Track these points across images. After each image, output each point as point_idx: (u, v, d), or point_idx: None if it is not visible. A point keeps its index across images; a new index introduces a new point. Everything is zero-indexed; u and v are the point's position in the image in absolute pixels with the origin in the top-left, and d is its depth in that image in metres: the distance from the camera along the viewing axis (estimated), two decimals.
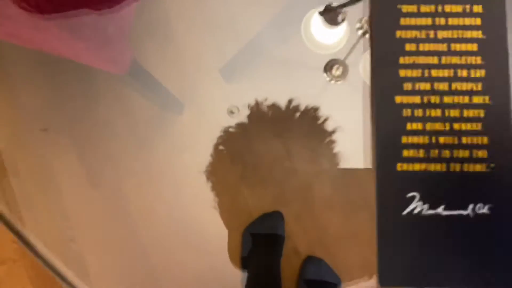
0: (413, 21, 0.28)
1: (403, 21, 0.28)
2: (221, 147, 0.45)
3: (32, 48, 0.51)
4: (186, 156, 0.45)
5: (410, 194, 0.26)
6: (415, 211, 0.26)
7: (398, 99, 0.27)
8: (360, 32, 0.32)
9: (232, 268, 0.43)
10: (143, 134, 0.46)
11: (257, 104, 0.42)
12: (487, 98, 0.27)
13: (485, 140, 0.27)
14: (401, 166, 0.27)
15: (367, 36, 0.40)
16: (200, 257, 0.44)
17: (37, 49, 0.51)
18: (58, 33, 0.48)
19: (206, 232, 0.44)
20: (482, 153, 0.26)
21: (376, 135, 0.27)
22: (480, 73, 0.27)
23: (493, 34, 0.27)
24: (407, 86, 0.27)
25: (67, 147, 0.46)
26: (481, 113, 0.27)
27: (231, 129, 0.45)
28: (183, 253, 0.44)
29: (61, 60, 0.51)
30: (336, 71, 0.31)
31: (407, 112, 0.27)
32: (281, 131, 0.42)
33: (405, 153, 0.27)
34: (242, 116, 0.45)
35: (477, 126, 0.27)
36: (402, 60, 0.27)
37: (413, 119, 0.27)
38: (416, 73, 0.27)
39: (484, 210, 0.26)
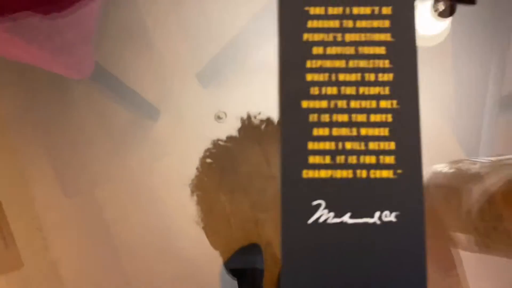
0: (320, 23, 0.27)
1: (311, 24, 0.27)
2: (198, 154, 0.45)
3: None
4: (162, 162, 0.45)
5: (315, 202, 0.26)
6: (321, 220, 0.25)
7: (305, 103, 0.26)
8: None
9: (209, 274, 0.43)
10: (118, 141, 0.46)
11: (235, 110, 0.42)
12: (394, 102, 0.26)
13: (392, 145, 0.26)
14: (306, 173, 0.26)
15: None
16: (176, 264, 0.44)
17: None
18: (10, 37, 0.47)
19: (182, 239, 0.44)
20: (389, 159, 0.26)
21: (281, 141, 0.26)
22: (388, 77, 0.26)
23: (401, 37, 0.27)
24: (314, 90, 0.26)
25: (40, 155, 0.46)
26: (389, 118, 0.26)
27: (208, 136, 0.45)
28: (159, 260, 0.44)
29: (34, 67, 0.51)
30: None
31: (313, 117, 0.26)
32: (260, 138, 0.41)
33: (311, 159, 0.26)
34: (228, 119, 0.45)
35: (384, 132, 0.26)
36: (309, 64, 0.27)
37: (319, 124, 0.26)
38: (323, 77, 0.27)
39: (391, 217, 0.25)
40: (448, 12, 0.47)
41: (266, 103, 0.42)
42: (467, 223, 0.40)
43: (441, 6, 0.47)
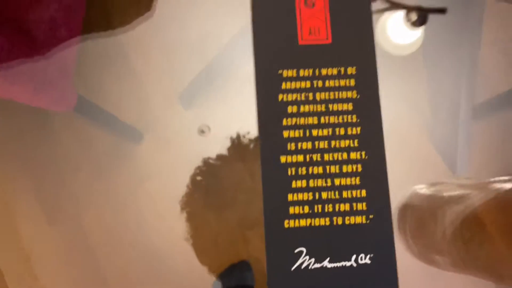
0: (293, 84, 0.30)
1: (284, 85, 0.30)
2: (183, 173, 0.45)
3: None
4: (148, 185, 0.45)
5: (297, 250, 0.28)
6: (303, 266, 0.28)
7: (283, 158, 0.29)
8: None
9: None
10: (102, 167, 0.46)
11: (219, 125, 0.43)
12: (363, 153, 0.29)
13: (363, 193, 0.29)
14: (288, 223, 0.28)
15: None
16: (166, 285, 0.43)
17: None
18: None
19: (171, 259, 0.43)
20: (361, 206, 0.28)
21: (263, 194, 0.28)
22: (356, 130, 0.29)
23: (366, 93, 0.30)
24: (291, 146, 0.29)
25: (24, 186, 0.45)
26: (359, 168, 0.29)
27: (192, 153, 0.45)
28: (149, 282, 0.43)
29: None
30: None
31: (291, 171, 0.29)
32: (243, 153, 0.42)
33: (292, 210, 0.28)
34: (212, 136, 0.46)
35: (356, 180, 0.29)
36: (285, 122, 0.29)
37: (297, 177, 0.29)
38: (298, 133, 0.29)
39: (366, 260, 0.28)
40: (420, 21, 0.49)
41: (249, 118, 0.43)
42: (442, 245, 0.43)
43: (414, 16, 0.49)
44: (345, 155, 0.29)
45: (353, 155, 0.29)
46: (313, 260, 0.28)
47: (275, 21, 0.31)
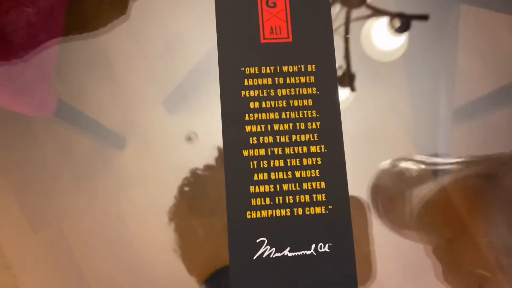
0: (255, 81, 0.31)
1: (247, 82, 0.31)
2: (167, 181, 0.45)
3: None
4: (131, 192, 0.45)
5: (259, 240, 0.29)
6: (264, 255, 0.29)
7: (246, 152, 0.30)
8: None
9: None
10: (84, 173, 0.46)
11: (207, 135, 0.43)
12: (322, 147, 0.30)
13: (323, 185, 0.30)
14: (250, 214, 0.29)
15: None
16: None
17: None
18: None
19: (155, 267, 0.43)
20: (320, 197, 0.30)
21: (226, 187, 0.29)
22: (316, 125, 0.31)
23: (325, 89, 0.31)
24: (253, 140, 0.30)
25: (4, 191, 0.45)
26: (318, 161, 0.30)
27: (176, 162, 0.45)
28: None
29: None
30: None
31: (253, 164, 0.30)
32: None
33: (253, 201, 0.29)
34: (200, 143, 0.46)
35: (315, 173, 0.30)
36: (247, 117, 0.30)
37: (259, 170, 0.30)
38: (260, 128, 0.30)
39: (325, 248, 0.29)
40: (403, 28, 0.51)
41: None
42: (411, 223, 0.45)
43: (397, 23, 0.51)
44: (305, 149, 0.30)
45: (312, 149, 0.30)
46: (274, 249, 0.29)
47: (238, 20, 0.32)
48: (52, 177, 0.46)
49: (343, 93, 0.52)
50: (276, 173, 0.30)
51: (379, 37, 0.53)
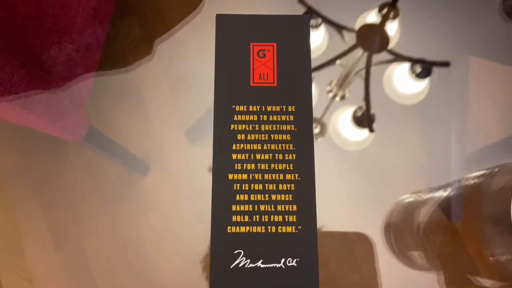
0: (243, 117, 0.37)
1: (236, 117, 0.37)
2: (186, 206, 0.46)
3: None
4: (151, 216, 0.46)
5: (236, 251, 0.34)
6: (240, 265, 0.33)
7: (231, 176, 0.35)
8: (330, 94, 0.39)
9: None
10: (109, 196, 0.48)
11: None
12: (296, 175, 0.36)
13: (294, 207, 0.35)
14: (230, 229, 0.34)
15: (337, 99, 0.45)
16: None
17: None
18: (11, 107, 0.51)
19: None
20: (292, 218, 0.35)
21: (212, 204, 0.35)
22: (292, 156, 0.36)
23: (302, 127, 0.37)
24: (238, 166, 0.36)
25: (35, 211, 0.47)
26: (292, 187, 0.35)
27: (195, 190, 0.47)
28: None
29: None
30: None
31: (237, 186, 0.35)
32: None
33: (234, 218, 0.34)
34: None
35: (289, 197, 0.35)
36: (234, 147, 0.36)
37: (241, 191, 0.35)
38: (244, 156, 0.36)
39: (293, 263, 0.34)
40: (425, 73, 0.52)
41: None
42: (417, 240, 0.47)
43: (418, 69, 0.52)
44: (281, 176, 0.35)
45: (288, 176, 0.35)
46: (248, 260, 0.33)
47: (233, 66, 0.38)
48: (79, 198, 0.48)
49: (362, 134, 0.52)
50: (255, 195, 0.35)
51: (400, 81, 0.54)
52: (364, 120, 0.51)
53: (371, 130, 0.51)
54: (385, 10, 0.52)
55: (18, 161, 0.50)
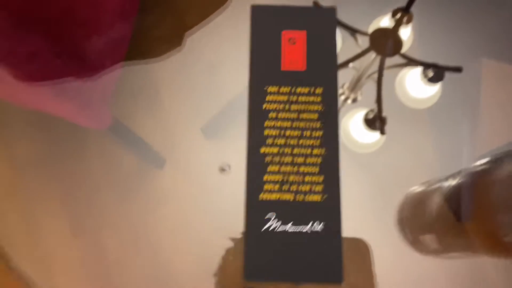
0: (275, 98, 0.41)
1: (268, 98, 0.41)
2: (200, 201, 0.48)
3: (26, 108, 0.57)
4: (166, 209, 0.49)
5: (267, 216, 0.38)
6: (271, 228, 0.37)
7: (263, 149, 0.39)
8: (342, 97, 0.41)
9: None
10: (125, 188, 0.50)
11: (239, 162, 0.42)
12: (323, 150, 0.39)
13: (321, 179, 0.38)
14: (262, 196, 0.38)
15: (349, 101, 0.46)
16: None
17: (30, 108, 0.58)
18: (47, 96, 0.56)
19: (183, 284, 0.46)
20: (318, 188, 0.38)
21: (246, 175, 0.39)
22: (319, 133, 0.40)
23: (329, 107, 0.40)
24: (269, 141, 0.40)
25: (55, 199, 0.49)
26: (319, 160, 0.39)
27: (209, 184, 0.48)
28: None
29: (53, 117, 0.55)
30: None
31: (268, 159, 0.39)
32: None
33: (266, 187, 0.38)
34: (232, 173, 0.49)
35: (316, 169, 0.39)
36: (266, 124, 0.40)
37: (272, 163, 0.39)
38: (275, 132, 0.40)
39: (320, 226, 0.37)
40: (437, 78, 0.52)
41: None
42: (430, 223, 0.49)
43: (430, 73, 0.52)
44: (309, 151, 0.39)
45: (315, 151, 0.39)
46: (280, 223, 0.37)
47: (266, 53, 0.42)
48: (97, 189, 0.50)
49: (373, 136, 0.52)
50: (285, 167, 0.39)
51: (412, 85, 0.54)
52: (375, 122, 0.51)
53: (382, 133, 0.51)
54: (398, 15, 0.52)
55: (40, 150, 0.53)
